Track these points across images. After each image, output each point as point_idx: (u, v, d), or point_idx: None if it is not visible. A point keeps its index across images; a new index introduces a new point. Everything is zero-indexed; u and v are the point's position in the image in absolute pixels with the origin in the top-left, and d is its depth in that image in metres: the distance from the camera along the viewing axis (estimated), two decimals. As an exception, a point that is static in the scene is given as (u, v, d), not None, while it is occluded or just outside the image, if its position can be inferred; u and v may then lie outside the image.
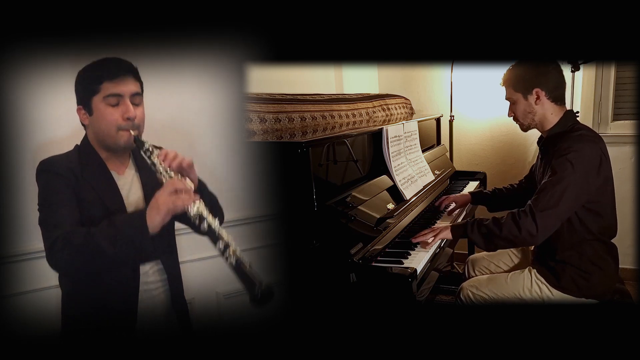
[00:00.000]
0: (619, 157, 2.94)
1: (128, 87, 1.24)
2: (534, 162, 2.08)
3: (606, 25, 1.85)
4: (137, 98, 1.27)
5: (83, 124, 1.30)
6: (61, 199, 1.19)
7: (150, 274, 1.33)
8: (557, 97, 1.78)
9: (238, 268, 1.06)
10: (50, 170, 1.22)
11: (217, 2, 1.64)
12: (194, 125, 1.88)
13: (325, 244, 1.55)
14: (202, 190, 1.33)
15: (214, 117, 1.90)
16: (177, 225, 1.40)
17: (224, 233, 1.11)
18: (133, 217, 1.16)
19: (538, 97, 1.76)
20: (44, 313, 1.61)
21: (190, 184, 1.20)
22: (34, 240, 1.65)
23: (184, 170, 1.23)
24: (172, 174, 1.20)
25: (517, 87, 1.80)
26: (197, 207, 1.13)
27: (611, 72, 3.00)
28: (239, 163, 1.89)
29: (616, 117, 3.06)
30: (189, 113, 1.86)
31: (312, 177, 1.58)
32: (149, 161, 1.22)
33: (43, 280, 1.65)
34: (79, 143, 1.32)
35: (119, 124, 1.24)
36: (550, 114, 1.78)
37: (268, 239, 1.89)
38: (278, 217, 1.71)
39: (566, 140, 1.70)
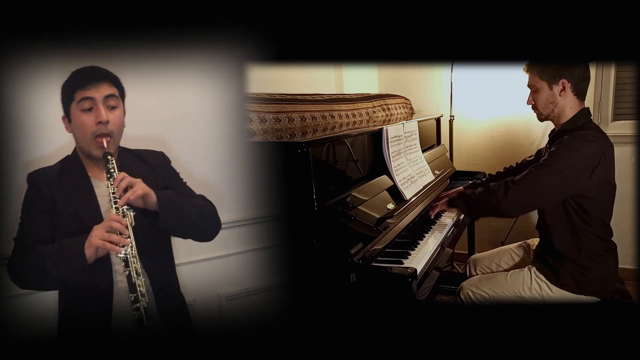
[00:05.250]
0: (619, 157, 2.91)
1: (100, 91, 1.26)
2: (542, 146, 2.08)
3: (606, 25, 1.85)
4: (111, 101, 1.28)
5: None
6: (31, 215, 1.24)
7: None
8: (580, 91, 1.77)
9: (139, 323, 1.14)
10: (31, 183, 1.28)
11: (217, 1, 1.64)
12: (194, 125, 1.87)
13: (325, 244, 1.55)
14: (168, 205, 1.31)
15: (214, 117, 1.90)
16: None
17: (139, 286, 1.16)
18: (75, 242, 1.19)
19: (564, 88, 1.74)
20: (43, 315, 1.60)
21: (131, 220, 1.23)
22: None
23: (133, 202, 1.25)
24: (118, 203, 1.23)
25: (543, 75, 1.76)
26: (124, 252, 1.18)
27: (611, 72, 3.00)
28: (239, 163, 1.89)
29: (616, 117, 3.06)
30: (189, 113, 1.86)
31: (312, 177, 1.58)
32: (106, 182, 1.25)
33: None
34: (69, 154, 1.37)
35: (93, 129, 1.26)
36: (570, 107, 1.77)
37: (268, 239, 1.89)
38: (278, 217, 1.71)
39: (570, 137, 1.71)
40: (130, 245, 1.19)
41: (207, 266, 1.83)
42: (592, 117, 1.83)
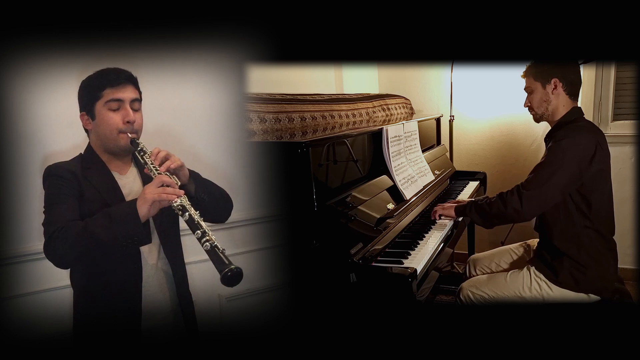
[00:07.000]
0: (619, 157, 2.94)
1: (128, 93, 1.31)
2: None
3: (606, 25, 1.86)
4: (136, 104, 1.34)
5: (86, 130, 1.36)
6: (61, 199, 1.26)
7: (152, 272, 1.36)
8: (572, 92, 1.86)
9: (212, 251, 1.14)
10: (53, 174, 1.29)
11: (217, 1, 1.64)
12: (194, 125, 1.88)
13: (326, 244, 1.55)
14: (196, 180, 1.38)
15: (214, 117, 1.90)
16: (182, 225, 1.41)
17: (202, 223, 1.18)
18: (124, 205, 1.22)
19: (555, 87, 1.83)
20: (56, 313, 1.61)
21: (176, 180, 1.27)
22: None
23: (172, 171, 1.29)
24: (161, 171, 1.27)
25: (536, 76, 1.87)
26: (180, 200, 1.20)
27: (611, 72, 3.00)
28: (239, 163, 1.89)
29: (616, 117, 3.06)
30: (189, 112, 1.86)
31: (312, 177, 1.58)
32: (141, 160, 1.29)
33: (55, 280, 1.64)
34: (82, 152, 1.38)
35: (120, 127, 1.31)
36: (562, 105, 1.86)
37: (268, 240, 1.89)
38: (278, 217, 1.71)
39: (564, 130, 1.80)
40: (182, 196, 1.22)
41: (208, 266, 1.81)
42: (584, 116, 1.90)
